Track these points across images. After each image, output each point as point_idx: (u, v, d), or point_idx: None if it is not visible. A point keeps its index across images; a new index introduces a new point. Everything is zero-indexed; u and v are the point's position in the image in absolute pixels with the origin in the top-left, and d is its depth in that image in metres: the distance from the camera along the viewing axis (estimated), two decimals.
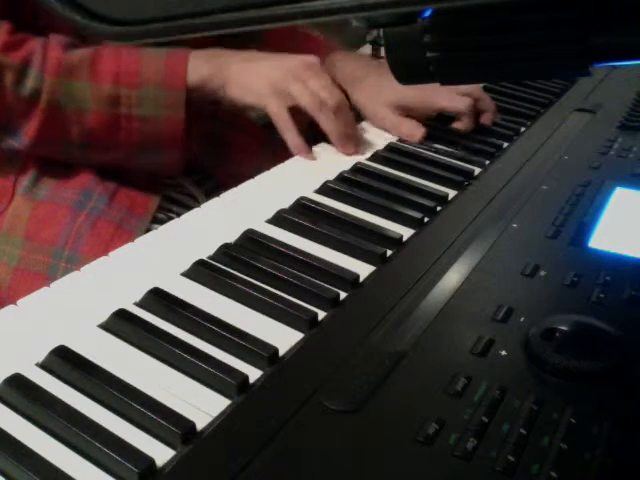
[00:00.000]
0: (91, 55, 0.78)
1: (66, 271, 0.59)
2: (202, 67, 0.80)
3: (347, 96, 0.88)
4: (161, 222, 0.81)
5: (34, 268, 0.79)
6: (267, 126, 0.97)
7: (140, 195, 0.84)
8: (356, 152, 0.82)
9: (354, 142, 0.83)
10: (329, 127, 0.81)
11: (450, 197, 0.74)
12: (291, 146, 0.81)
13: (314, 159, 0.81)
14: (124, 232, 0.81)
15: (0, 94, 0.76)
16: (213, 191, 0.86)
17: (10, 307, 0.52)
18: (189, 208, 0.70)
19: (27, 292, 0.53)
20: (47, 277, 0.78)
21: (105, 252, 0.59)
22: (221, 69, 0.80)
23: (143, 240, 0.62)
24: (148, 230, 0.80)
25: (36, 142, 0.79)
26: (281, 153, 0.83)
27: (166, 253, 0.60)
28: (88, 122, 0.78)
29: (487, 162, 0.83)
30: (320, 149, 0.84)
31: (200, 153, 0.88)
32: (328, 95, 0.80)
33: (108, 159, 0.82)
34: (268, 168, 0.78)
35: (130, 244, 0.61)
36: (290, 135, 0.81)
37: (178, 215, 0.68)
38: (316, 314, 0.53)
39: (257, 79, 0.81)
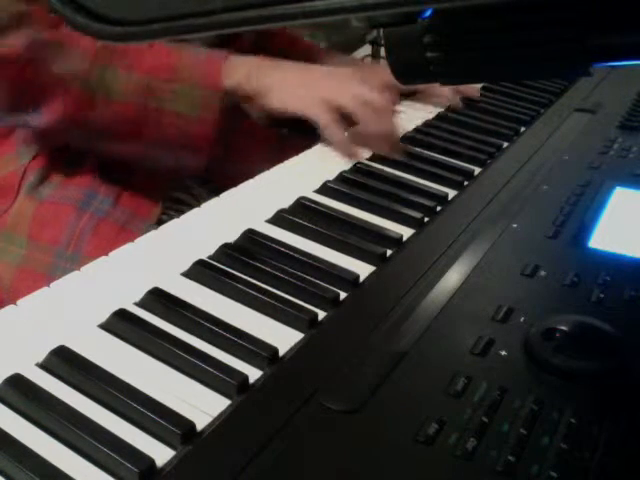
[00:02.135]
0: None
1: (67, 271, 0.59)
2: (240, 69, 0.79)
3: None
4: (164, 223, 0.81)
5: (37, 268, 0.79)
6: (267, 127, 0.97)
7: (145, 196, 0.84)
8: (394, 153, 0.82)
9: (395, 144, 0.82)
10: (373, 128, 0.81)
11: (450, 197, 0.74)
12: (334, 142, 0.80)
13: (358, 157, 0.81)
14: (128, 233, 0.80)
15: (33, 65, 0.75)
16: (217, 191, 0.86)
17: (10, 307, 0.52)
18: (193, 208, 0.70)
19: (29, 292, 0.53)
20: (49, 277, 0.78)
21: (108, 253, 0.59)
22: (258, 76, 0.80)
23: (143, 240, 0.62)
24: None
25: (57, 123, 0.78)
26: (282, 153, 0.82)
27: (166, 253, 0.60)
28: (117, 111, 0.77)
29: (487, 162, 0.83)
30: (319, 149, 0.84)
31: None
32: (370, 96, 0.80)
33: (125, 152, 0.81)
34: (268, 168, 0.78)
35: (130, 244, 0.61)
36: (335, 133, 0.80)
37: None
38: (316, 314, 0.53)
39: (297, 90, 0.81)
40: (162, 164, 0.81)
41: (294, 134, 0.90)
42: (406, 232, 0.66)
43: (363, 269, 0.59)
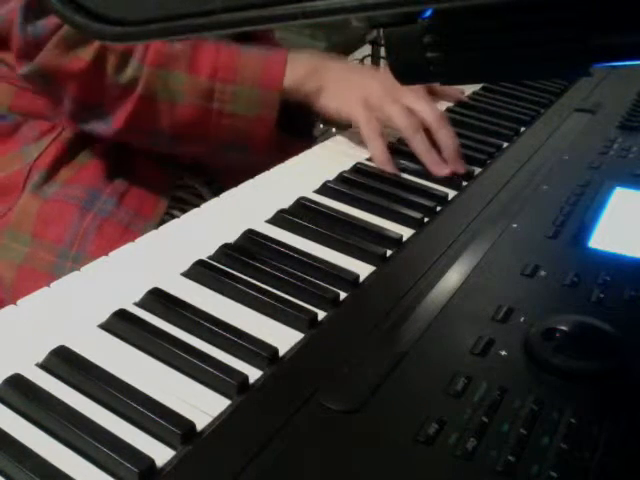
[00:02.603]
0: (191, 47, 0.78)
1: (72, 271, 0.59)
2: (299, 69, 0.80)
3: None
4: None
5: (39, 267, 0.79)
6: None
7: (149, 197, 0.84)
8: (454, 171, 0.77)
9: (451, 163, 0.78)
10: (421, 150, 0.78)
11: (450, 197, 0.74)
12: (375, 158, 0.79)
13: (397, 172, 0.78)
14: (131, 233, 0.81)
15: (100, 76, 0.77)
16: (220, 191, 0.86)
17: (10, 307, 0.52)
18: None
19: (30, 292, 0.53)
20: (51, 277, 0.78)
21: None
22: (317, 73, 0.81)
23: (143, 240, 0.62)
24: None
25: (124, 129, 0.79)
26: (281, 153, 0.82)
27: (166, 253, 0.60)
28: (179, 115, 0.79)
29: (487, 162, 0.83)
30: (319, 149, 0.84)
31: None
32: (424, 110, 0.80)
33: (193, 152, 0.84)
34: (268, 168, 0.78)
35: (130, 244, 0.61)
36: (377, 145, 0.79)
37: None
38: (316, 314, 0.53)
39: (352, 92, 0.81)
40: (228, 162, 0.84)
41: (292, 135, 0.90)
42: (406, 232, 0.66)
43: (363, 269, 0.59)
